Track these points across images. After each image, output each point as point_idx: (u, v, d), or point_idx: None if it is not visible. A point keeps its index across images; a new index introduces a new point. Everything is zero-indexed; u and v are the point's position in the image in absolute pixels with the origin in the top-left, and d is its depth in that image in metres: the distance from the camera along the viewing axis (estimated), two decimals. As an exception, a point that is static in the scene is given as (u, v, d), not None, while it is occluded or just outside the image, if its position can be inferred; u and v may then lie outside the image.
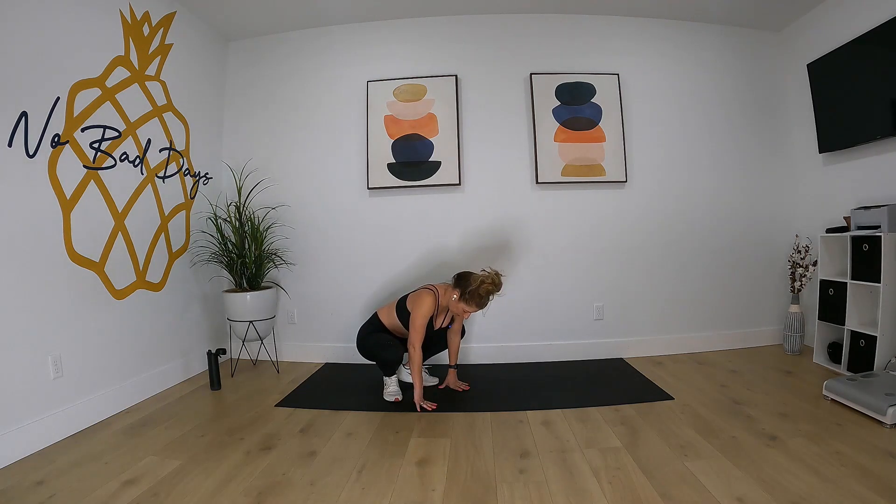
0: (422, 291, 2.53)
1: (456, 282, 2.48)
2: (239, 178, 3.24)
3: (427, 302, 2.46)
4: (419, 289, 2.58)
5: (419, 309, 2.45)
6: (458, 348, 2.72)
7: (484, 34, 3.29)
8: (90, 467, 1.82)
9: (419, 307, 2.45)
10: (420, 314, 2.44)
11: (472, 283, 2.39)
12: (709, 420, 2.13)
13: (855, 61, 2.75)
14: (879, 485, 1.53)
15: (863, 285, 2.56)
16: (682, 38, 3.34)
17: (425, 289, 2.55)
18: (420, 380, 2.44)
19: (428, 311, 2.46)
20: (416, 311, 2.45)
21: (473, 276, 2.43)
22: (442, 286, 2.58)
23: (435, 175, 3.23)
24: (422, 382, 2.46)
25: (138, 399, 2.56)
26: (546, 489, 1.61)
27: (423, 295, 2.50)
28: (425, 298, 2.47)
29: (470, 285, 2.39)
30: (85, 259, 2.27)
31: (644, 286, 3.29)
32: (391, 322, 2.61)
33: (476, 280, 2.39)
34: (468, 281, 2.42)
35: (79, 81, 2.22)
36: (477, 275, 2.43)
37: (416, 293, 2.55)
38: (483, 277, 2.39)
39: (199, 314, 3.15)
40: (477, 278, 2.40)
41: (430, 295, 2.49)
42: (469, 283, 2.41)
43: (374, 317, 2.68)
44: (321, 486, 1.67)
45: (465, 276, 2.47)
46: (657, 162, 3.29)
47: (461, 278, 2.46)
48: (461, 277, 2.47)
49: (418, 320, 2.43)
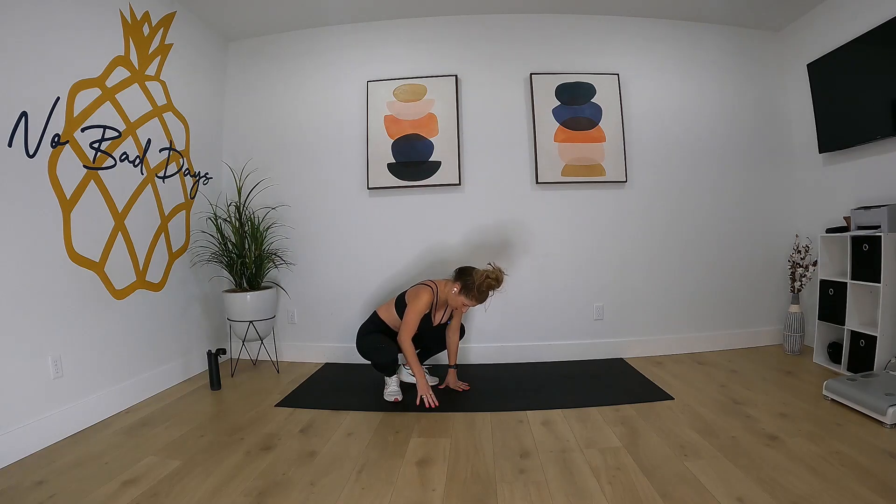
0: (420, 287, 2.53)
1: (457, 275, 2.49)
2: (239, 178, 3.24)
3: (423, 298, 2.46)
4: (417, 284, 2.58)
5: (414, 305, 2.45)
6: (457, 347, 2.72)
7: (484, 34, 3.29)
8: (90, 467, 1.82)
9: (414, 304, 2.45)
10: (414, 310, 2.44)
11: (474, 277, 2.40)
12: (709, 420, 2.13)
13: (855, 61, 2.75)
14: (879, 485, 1.53)
15: (863, 285, 2.56)
16: (682, 38, 3.34)
17: (423, 285, 2.54)
18: (420, 371, 2.46)
19: (423, 308, 2.46)
20: (411, 306, 2.46)
21: (476, 271, 2.43)
22: (441, 281, 2.58)
23: (435, 175, 3.23)
24: (423, 372, 2.49)
25: (138, 399, 2.56)
26: (546, 489, 1.61)
27: (420, 291, 2.49)
28: (422, 295, 2.47)
29: (471, 279, 2.40)
30: (85, 259, 2.27)
31: (644, 286, 3.29)
32: (390, 318, 2.61)
33: (478, 274, 2.40)
34: (470, 275, 2.42)
35: (79, 81, 2.22)
36: (479, 269, 2.44)
37: (415, 289, 2.55)
38: (485, 272, 2.40)
39: (199, 314, 3.15)
40: (479, 272, 2.41)
41: (427, 291, 2.49)
42: (471, 276, 2.41)
43: (373, 315, 2.68)
44: (321, 486, 1.67)
45: (466, 269, 2.47)
46: (657, 162, 3.29)
47: (463, 272, 2.47)
48: (463, 271, 2.48)
49: (410, 315, 2.44)
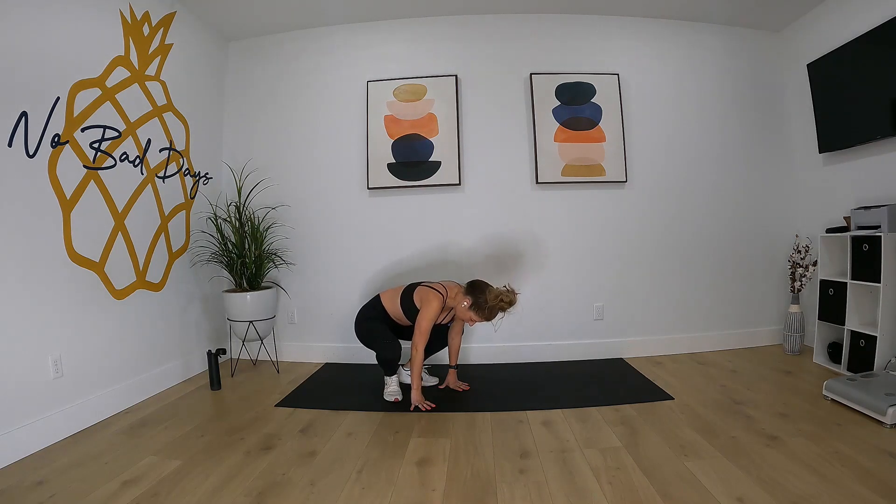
0: (430, 293, 2.46)
1: (469, 289, 2.42)
2: (239, 178, 3.24)
3: (434, 306, 2.40)
4: (426, 287, 2.51)
5: (426, 312, 2.39)
6: (458, 348, 2.71)
7: (484, 34, 3.29)
8: (90, 467, 1.82)
9: (426, 310, 2.40)
10: (426, 317, 2.39)
11: (486, 297, 2.34)
12: (709, 420, 2.13)
13: (855, 61, 2.75)
14: (879, 485, 1.53)
15: (863, 285, 2.56)
16: (682, 38, 3.34)
17: (433, 290, 2.47)
18: (419, 380, 2.43)
19: (435, 315, 2.41)
20: (423, 313, 2.40)
21: (490, 290, 2.37)
22: (451, 286, 2.53)
23: (435, 175, 3.23)
24: (420, 382, 2.45)
25: (138, 399, 2.56)
26: (546, 489, 1.61)
27: (431, 298, 2.43)
28: (433, 302, 2.41)
29: (483, 297, 2.34)
30: (85, 259, 2.27)
31: (644, 286, 3.29)
32: (393, 308, 2.56)
33: (491, 294, 2.34)
34: (483, 292, 2.36)
35: (79, 81, 2.22)
36: (493, 288, 2.37)
37: (424, 291, 2.48)
38: (499, 294, 2.34)
39: (199, 314, 3.15)
40: (492, 292, 2.34)
41: (437, 299, 2.43)
42: (483, 295, 2.35)
43: (376, 300, 2.62)
44: (321, 486, 1.67)
45: (480, 286, 2.40)
46: (657, 162, 3.30)
47: (475, 288, 2.40)
48: (476, 287, 2.40)
49: (424, 323, 2.38)
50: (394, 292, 2.60)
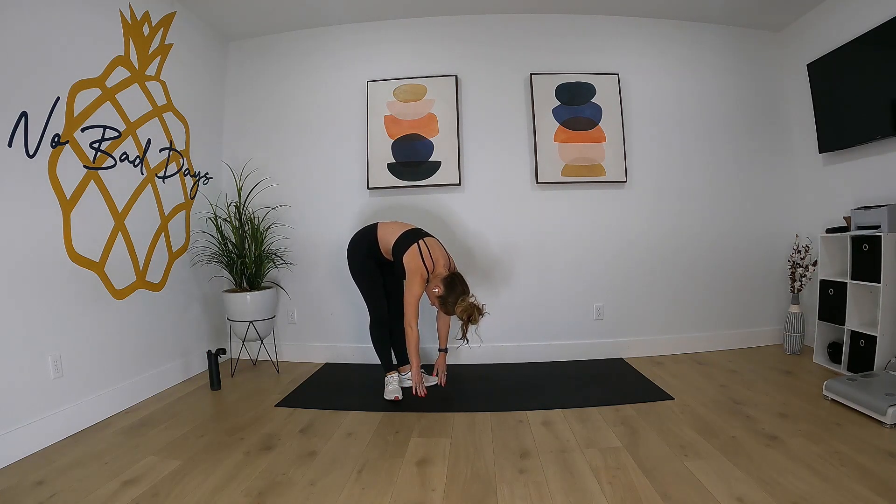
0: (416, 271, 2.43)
1: (447, 282, 2.46)
2: (239, 178, 3.24)
3: (415, 291, 2.44)
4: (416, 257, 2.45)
5: (411, 288, 2.44)
6: (447, 331, 2.75)
7: (484, 34, 3.29)
8: (90, 467, 1.82)
9: (410, 291, 2.44)
10: (413, 294, 2.44)
11: (457, 303, 2.43)
12: (709, 420, 2.13)
13: (855, 61, 2.75)
14: (879, 485, 1.53)
15: (863, 285, 2.56)
16: (682, 38, 3.34)
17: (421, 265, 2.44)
18: (418, 359, 2.50)
19: (419, 294, 2.46)
20: (408, 293, 2.45)
21: (463, 296, 2.44)
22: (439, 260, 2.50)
23: (435, 175, 3.23)
24: (419, 362, 2.52)
25: (138, 399, 2.56)
26: (546, 489, 1.61)
27: (414, 279, 2.43)
28: (415, 285, 2.43)
29: (453, 300, 2.43)
30: (85, 259, 2.27)
31: (644, 286, 3.29)
32: (385, 245, 2.56)
33: (460, 306, 2.42)
34: (455, 293, 2.44)
35: (79, 81, 2.22)
36: (466, 297, 2.45)
37: (414, 262, 2.44)
38: (468, 309, 2.42)
39: (199, 314, 3.15)
40: (463, 304, 2.43)
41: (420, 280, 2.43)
42: (455, 297, 2.43)
43: (373, 228, 2.62)
44: (321, 486, 1.67)
45: (457, 288, 2.45)
46: (657, 162, 3.29)
47: (453, 287, 2.45)
48: (454, 287, 2.45)
49: (411, 299, 2.43)
50: (391, 229, 2.58)
